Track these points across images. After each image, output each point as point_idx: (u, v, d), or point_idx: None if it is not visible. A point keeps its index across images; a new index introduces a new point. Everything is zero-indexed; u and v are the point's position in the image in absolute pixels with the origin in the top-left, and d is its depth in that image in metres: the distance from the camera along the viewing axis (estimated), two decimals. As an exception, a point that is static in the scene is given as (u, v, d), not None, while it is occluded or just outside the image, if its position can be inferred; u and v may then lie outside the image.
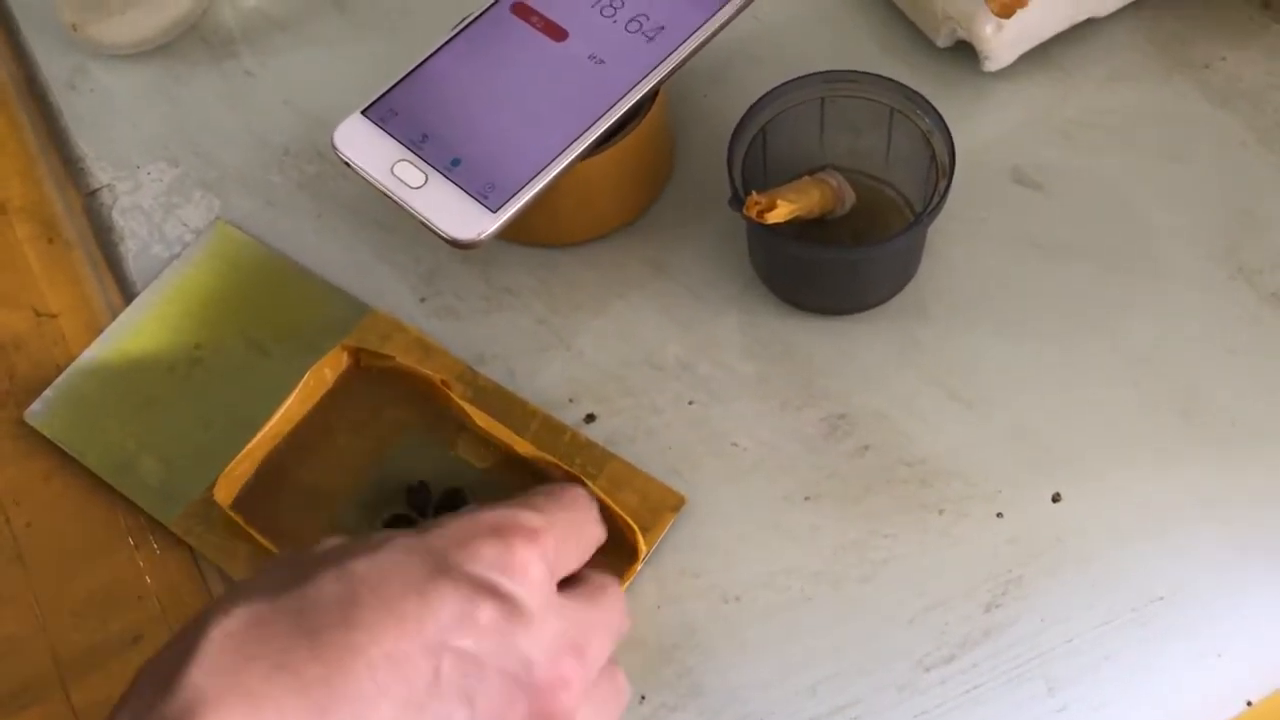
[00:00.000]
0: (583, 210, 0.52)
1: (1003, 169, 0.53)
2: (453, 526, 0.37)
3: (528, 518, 0.37)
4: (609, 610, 0.38)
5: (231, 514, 0.46)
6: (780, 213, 0.45)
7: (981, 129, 0.54)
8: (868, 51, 0.57)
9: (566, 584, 0.38)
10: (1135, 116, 0.54)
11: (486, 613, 0.35)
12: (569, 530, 0.38)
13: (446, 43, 0.51)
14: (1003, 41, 0.53)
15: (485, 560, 0.35)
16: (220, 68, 0.60)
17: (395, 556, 0.36)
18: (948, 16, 0.54)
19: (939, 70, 0.56)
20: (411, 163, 0.48)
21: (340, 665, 0.33)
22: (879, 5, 0.57)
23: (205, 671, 0.33)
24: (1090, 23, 0.55)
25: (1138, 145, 0.53)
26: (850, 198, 0.50)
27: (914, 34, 0.56)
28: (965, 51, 0.55)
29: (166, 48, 0.61)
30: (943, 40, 0.55)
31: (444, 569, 0.35)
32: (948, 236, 0.51)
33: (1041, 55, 0.55)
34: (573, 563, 0.38)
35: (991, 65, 0.54)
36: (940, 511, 0.46)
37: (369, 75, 0.58)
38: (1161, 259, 0.50)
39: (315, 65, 0.60)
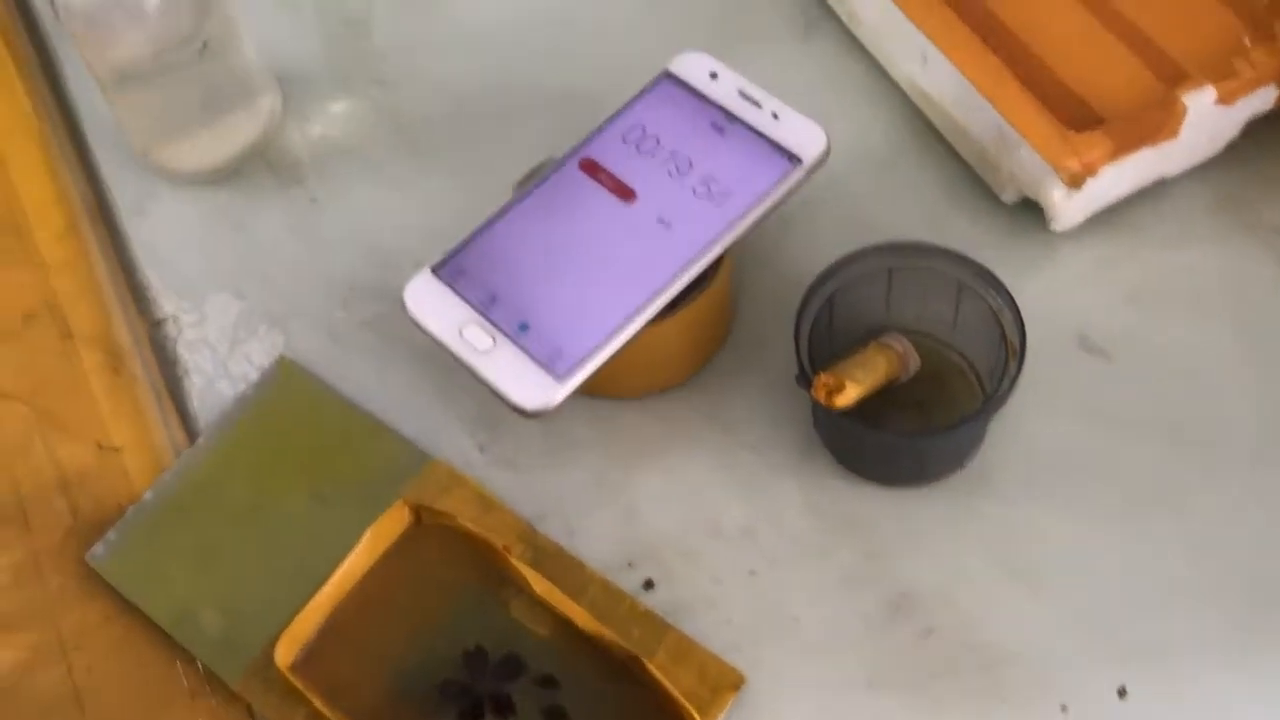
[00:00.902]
0: (645, 368, 0.52)
1: (1069, 334, 0.53)
2: None
3: None
4: None
5: (291, 679, 0.46)
6: (849, 396, 0.45)
7: (1046, 288, 0.53)
8: (930, 203, 0.56)
9: None
10: (1204, 281, 0.53)
11: None
12: None
13: (516, 199, 0.51)
14: (1071, 205, 0.52)
15: None
16: (287, 195, 0.61)
17: None
18: (1014, 177, 0.53)
19: (1003, 225, 0.55)
20: (480, 325, 0.48)
21: None
22: (943, 157, 0.57)
23: None
24: (1160, 183, 0.55)
25: (1207, 313, 0.52)
26: (915, 363, 0.50)
27: (978, 186, 0.56)
28: (1031, 207, 0.54)
29: (234, 174, 0.61)
30: (1008, 197, 0.55)
31: None
32: (1013, 404, 0.50)
33: (1110, 214, 0.54)
34: None
35: (1059, 226, 0.54)
36: (1004, 701, 0.45)
37: (433, 210, 0.59)
38: (1231, 436, 0.50)
39: (381, 198, 0.60)
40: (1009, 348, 0.47)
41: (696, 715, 0.45)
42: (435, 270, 0.50)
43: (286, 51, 0.64)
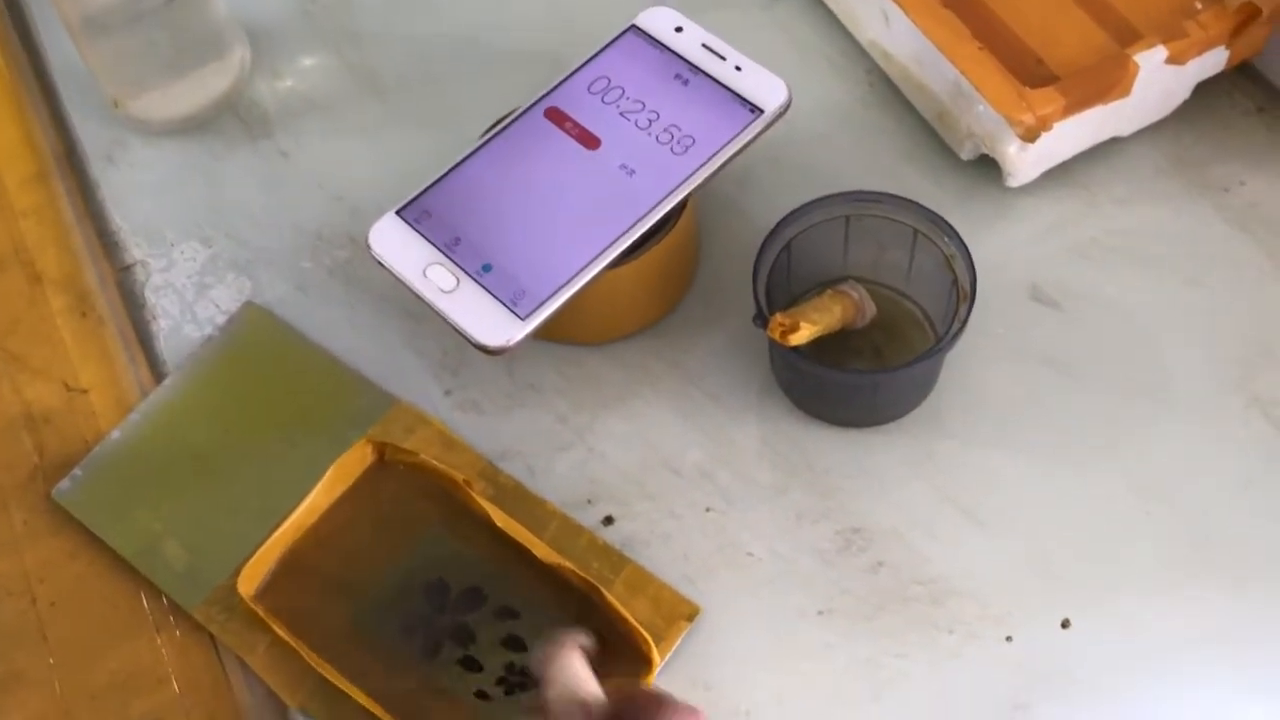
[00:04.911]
0: (608, 313, 0.53)
1: (1021, 285, 0.54)
2: None
3: None
4: None
5: (254, 607, 0.47)
6: (803, 334, 0.46)
7: (1001, 243, 0.55)
8: (891, 161, 0.58)
9: None
10: (1154, 238, 0.55)
11: None
12: None
13: (481, 145, 0.52)
14: (1026, 160, 0.54)
15: None
16: (255, 147, 0.61)
17: None
18: (972, 133, 0.55)
19: (961, 182, 0.57)
20: (444, 266, 0.49)
21: None
22: (904, 115, 0.59)
23: None
24: (1113, 141, 0.56)
25: (1155, 268, 0.54)
26: (871, 311, 0.51)
27: (938, 145, 0.58)
28: (988, 164, 0.56)
29: (204, 125, 0.62)
30: (966, 154, 0.56)
31: None
32: (966, 351, 0.52)
33: (1063, 172, 0.56)
34: None
35: (1014, 181, 0.55)
36: (950, 632, 0.46)
37: (401, 163, 0.59)
38: (1176, 386, 0.51)
39: (348, 149, 0.61)
40: (960, 292, 0.48)
41: (652, 644, 0.46)
42: (400, 212, 0.50)
43: (257, 6, 0.65)
